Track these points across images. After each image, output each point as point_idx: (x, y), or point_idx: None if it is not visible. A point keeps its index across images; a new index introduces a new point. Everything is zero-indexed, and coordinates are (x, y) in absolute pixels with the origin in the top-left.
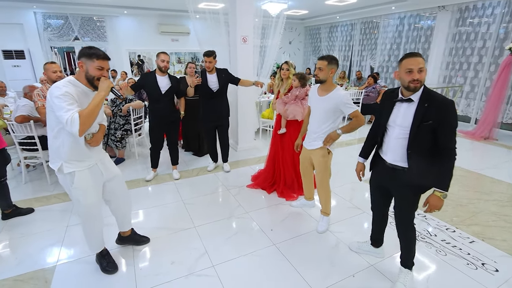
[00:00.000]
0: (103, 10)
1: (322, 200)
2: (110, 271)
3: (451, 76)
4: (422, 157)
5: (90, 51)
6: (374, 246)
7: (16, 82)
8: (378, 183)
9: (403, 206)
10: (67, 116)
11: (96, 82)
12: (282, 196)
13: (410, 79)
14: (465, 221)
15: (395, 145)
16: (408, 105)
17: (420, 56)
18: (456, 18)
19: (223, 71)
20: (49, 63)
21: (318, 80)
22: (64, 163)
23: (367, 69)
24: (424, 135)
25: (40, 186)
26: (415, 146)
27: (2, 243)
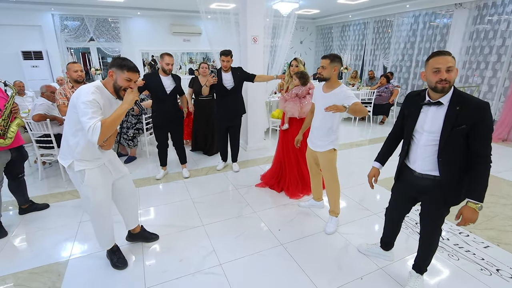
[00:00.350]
0: (118, 11)
1: (330, 200)
2: (120, 267)
3: (467, 75)
4: (454, 165)
5: (122, 62)
6: (384, 249)
7: (34, 82)
8: (404, 193)
9: (432, 217)
10: (90, 123)
11: (121, 93)
12: (288, 194)
13: (438, 79)
14: (479, 225)
15: (424, 153)
16: (436, 109)
17: (449, 55)
18: (474, 16)
19: (238, 69)
20: (71, 63)
21: (322, 78)
22: (75, 161)
23: (380, 69)
24: (457, 141)
25: (56, 182)
26: (446, 153)
27: (19, 237)
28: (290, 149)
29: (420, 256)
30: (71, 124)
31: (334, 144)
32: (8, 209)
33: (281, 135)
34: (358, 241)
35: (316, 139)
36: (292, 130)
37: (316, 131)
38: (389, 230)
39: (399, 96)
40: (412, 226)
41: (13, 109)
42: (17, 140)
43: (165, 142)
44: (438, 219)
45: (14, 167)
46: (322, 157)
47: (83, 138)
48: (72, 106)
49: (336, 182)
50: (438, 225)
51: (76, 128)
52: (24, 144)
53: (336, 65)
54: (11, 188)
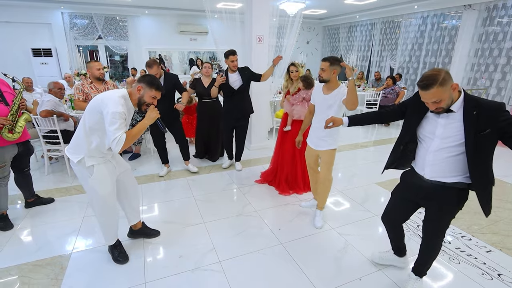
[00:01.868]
0: (126, 10)
1: (321, 195)
2: (121, 261)
3: (475, 78)
4: (485, 170)
5: (152, 80)
6: (398, 256)
7: (43, 78)
8: (407, 197)
9: (437, 224)
10: (117, 135)
11: (143, 107)
12: (278, 189)
13: (430, 108)
14: (482, 229)
15: (435, 159)
16: (448, 115)
17: (432, 87)
18: (484, 17)
19: (245, 69)
20: (93, 61)
21: (322, 80)
22: (86, 157)
23: (387, 70)
24: (484, 146)
25: (61, 177)
26: (476, 159)
27: (24, 230)
28: (289, 148)
29: (421, 260)
30: (89, 123)
31: (336, 144)
32: (15, 202)
33: (280, 134)
34: (358, 242)
35: (317, 138)
36: (292, 131)
37: (317, 131)
38: (394, 235)
39: (406, 98)
40: (414, 229)
41: (21, 104)
42: (24, 135)
43: (161, 140)
44: (444, 226)
45: (20, 161)
46: (324, 155)
47: (97, 139)
48: (95, 108)
49: (331, 178)
50: (443, 231)
51: (93, 128)
52: (30, 139)
53: (336, 68)
54: (17, 182)
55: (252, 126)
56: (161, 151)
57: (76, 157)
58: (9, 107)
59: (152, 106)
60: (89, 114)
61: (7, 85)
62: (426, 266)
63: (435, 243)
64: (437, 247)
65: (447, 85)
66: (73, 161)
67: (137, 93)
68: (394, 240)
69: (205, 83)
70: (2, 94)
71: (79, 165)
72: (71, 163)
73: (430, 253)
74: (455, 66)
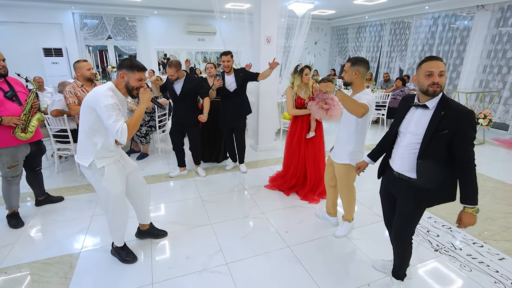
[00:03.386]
0: (135, 10)
1: (344, 205)
2: (130, 261)
3: (488, 80)
4: (432, 167)
5: (131, 63)
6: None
7: (54, 78)
8: (386, 190)
9: (403, 217)
10: (118, 127)
11: (134, 92)
12: (305, 199)
13: (430, 83)
14: (495, 236)
15: (403, 153)
16: (422, 112)
17: (441, 60)
18: (497, 18)
19: (241, 70)
20: (82, 61)
21: (344, 82)
22: (96, 159)
23: (396, 71)
24: (438, 145)
25: (71, 176)
26: (426, 155)
27: (35, 228)
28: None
29: (395, 261)
30: (88, 125)
31: (350, 159)
32: (26, 200)
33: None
34: (367, 246)
35: (336, 147)
36: (299, 135)
37: (338, 139)
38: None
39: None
40: (424, 234)
41: (34, 104)
42: (36, 134)
43: (178, 144)
44: (410, 218)
45: (32, 160)
46: (336, 166)
47: (101, 138)
48: (88, 108)
49: (351, 191)
50: (409, 225)
51: (93, 128)
52: (42, 138)
53: (357, 69)
54: (28, 180)
55: (259, 127)
56: (177, 154)
57: (86, 161)
58: (22, 107)
59: (143, 89)
60: (84, 116)
61: (21, 85)
62: (401, 267)
63: (403, 240)
64: (405, 245)
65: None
66: (84, 166)
67: (122, 81)
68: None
69: (209, 83)
70: (16, 94)
71: (90, 168)
72: (81, 169)
73: (401, 252)
74: (466, 68)
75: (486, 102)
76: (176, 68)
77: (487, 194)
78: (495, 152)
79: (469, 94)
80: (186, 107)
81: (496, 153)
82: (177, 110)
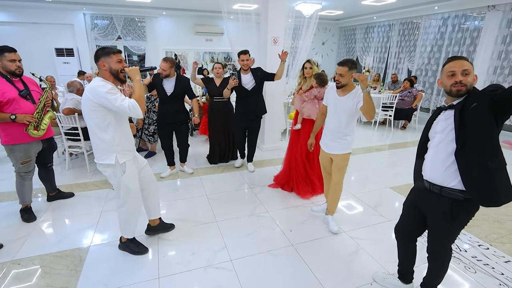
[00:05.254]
0: (144, 11)
1: (332, 200)
2: (142, 252)
3: (498, 81)
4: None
5: (105, 50)
6: (402, 282)
7: (65, 77)
8: (414, 204)
9: (438, 234)
10: (127, 103)
11: (121, 75)
12: (298, 193)
13: (453, 82)
14: (501, 238)
15: (434, 155)
16: (450, 112)
17: (466, 59)
18: (509, 19)
19: (258, 69)
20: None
21: (341, 85)
22: (118, 154)
23: (404, 72)
24: (474, 121)
25: (81, 173)
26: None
27: (46, 222)
28: (300, 148)
29: (430, 275)
30: (96, 124)
31: (350, 148)
32: (38, 196)
33: (292, 135)
34: (370, 246)
35: (331, 141)
36: (303, 130)
37: (330, 134)
38: (403, 254)
39: (424, 101)
40: None
41: (47, 103)
42: (48, 131)
43: (167, 143)
44: (448, 237)
45: (44, 156)
46: (337, 159)
47: (116, 130)
48: (91, 107)
49: (342, 183)
50: (442, 246)
51: (105, 123)
52: (53, 135)
53: (353, 72)
54: (41, 176)
55: (265, 127)
56: (167, 153)
57: (110, 159)
58: (36, 105)
59: (128, 68)
60: (90, 118)
61: (35, 84)
62: (435, 282)
63: (443, 259)
64: (444, 262)
65: (473, 69)
66: (108, 165)
67: (105, 69)
68: (403, 261)
69: (216, 83)
70: (30, 93)
71: (113, 167)
72: (103, 171)
73: (439, 269)
74: (477, 69)
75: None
76: (170, 65)
77: None
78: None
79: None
80: (176, 106)
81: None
82: (167, 109)
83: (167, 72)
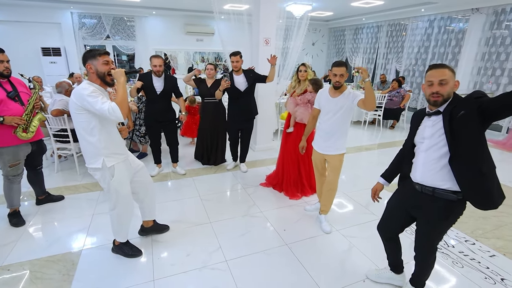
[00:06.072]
0: (134, 10)
1: (327, 199)
2: (135, 255)
3: (482, 82)
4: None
5: (91, 52)
6: (394, 272)
7: (52, 77)
8: (400, 205)
9: (426, 237)
10: (107, 106)
11: (107, 78)
12: (287, 195)
13: (430, 92)
14: (486, 234)
15: (425, 159)
16: (436, 118)
17: (445, 67)
18: (491, 21)
19: (250, 71)
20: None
21: (340, 85)
22: (105, 157)
23: (392, 73)
24: (464, 130)
25: (70, 175)
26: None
27: (36, 226)
28: (291, 151)
29: (417, 271)
30: (83, 126)
31: (344, 148)
32: (25, 199)
33: (284, 137)
34: (362, 244)
35: (325, 142)
36: (295, 133)
37: (325, 135)
38: (388, 249)
39: (411, 101)
40: None
41: (36, 104)
42: (37, 134)
43: (156, 141)
44: (433, 240)
45: (33, 159)
46: (332, 159)
47: (102, 133)
48: (76, 110)
49: (337, 183)
50: (431, 245)
51: (90, 127)
52: (43, 138)
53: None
54: (29, 179)
55: (258, 127)
56: (156, 151)
57: (98, 162)
58: (24, 107)
59: (114, 70)
60: (76, 121)
61: (24, 85)
62: (422, 278)
63: (429, 255)
64: (430, 258)
65: (453, 76)
66: (97, 168)
67: (92, 71)
68: (390, 255)
69: (208, 84)
70: (18, 94)
71: (101, 170)
72: (93, 174)
73: (425, 265)
74: (461, 70)
75: None
76: (162, 60)
77: None
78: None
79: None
80: (165, 105)
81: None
82: (155, 108)
83: (162, 68)
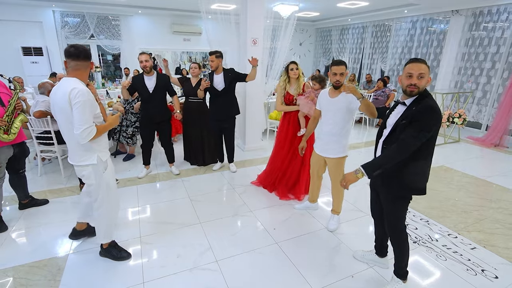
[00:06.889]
0: (118, 9)
1: (336, 200)
2: (124, 257)
3: (462, 81)
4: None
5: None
6: (378, 256)
7: (34, 78)
8: (371, 186)
9: (387, 211)
10: (86, 126)
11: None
12: (278, 195)
13: (408, 83)
14: (468, 227)
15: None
16: (401, 108)
17: (424, 63)
18: (470, 23)
19: (230, 70)
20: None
21: (339, 85)
22: (99, 153)
23: (378, 72)
24: (399, 134)
25: (55, 179)
26: (389, 143)
27: (19, 231)
28: (285, 151)
29: (396, 260)
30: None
31: (346, 151)
32: (8, 204)
33: (279, 137)
34: (351, 240)
35: (326, 144)
36: (286, 132)
37: (326, 137)
38: (377, 230)
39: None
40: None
41: (17, 105)
42: (20, 136)
43: (150, 142)
44: (394, 212)
45: (16, 162)
46: (333, 162)
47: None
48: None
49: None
50: (395, 218)
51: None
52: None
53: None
54: (12, 183)
55: (246, 127)
56: (147, 152)
57: (92, 158)
58: (5, 108)
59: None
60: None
61: (4, 86)
62: (400, 264)
63: (395, 236)
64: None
65: (429, 72)
66: (90, 164)
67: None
68: (379, 237)
69: (192, 83)
70: None
71: (95, 166)
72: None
73: (396, 248)
74: (443, 70)
75: (461, 102)
76: (147, 56)
77: (462, 189)
78: (469, 150)
79: (445, 95)
80: (159, 104)
81: (470, 151)
82: (149, 108)
83: (149, 63)
